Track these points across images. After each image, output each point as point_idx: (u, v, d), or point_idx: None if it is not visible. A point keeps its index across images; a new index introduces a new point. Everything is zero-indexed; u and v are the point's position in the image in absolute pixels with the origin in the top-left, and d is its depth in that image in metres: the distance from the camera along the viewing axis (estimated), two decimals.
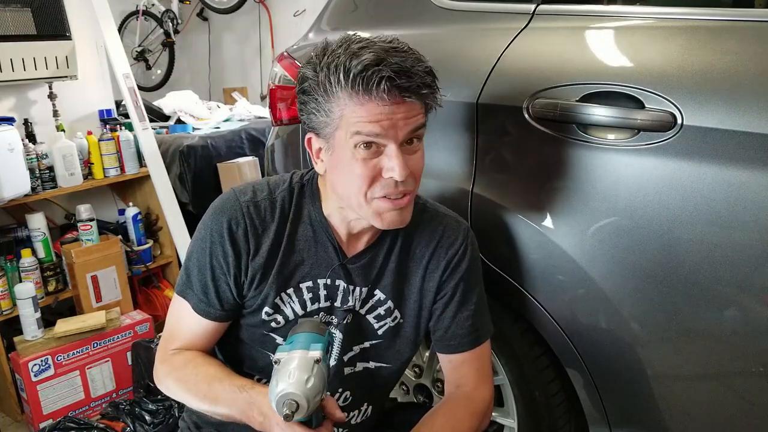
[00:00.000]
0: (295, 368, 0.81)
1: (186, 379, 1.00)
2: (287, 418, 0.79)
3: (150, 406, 1.98)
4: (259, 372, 1.07)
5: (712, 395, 1.06)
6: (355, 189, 0.93)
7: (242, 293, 1.02)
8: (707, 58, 1.00)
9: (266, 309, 1.02)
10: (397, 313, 1.07)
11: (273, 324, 1.03)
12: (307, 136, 0.99)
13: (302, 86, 0.94)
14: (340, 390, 1.08)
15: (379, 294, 1.06)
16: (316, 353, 0.83)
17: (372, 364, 1.09)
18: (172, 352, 1.04)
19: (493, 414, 1.37)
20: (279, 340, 1.03)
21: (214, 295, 1.01)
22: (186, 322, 1.04)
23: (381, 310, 1.06)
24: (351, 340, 1.06)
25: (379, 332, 1.07)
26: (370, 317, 1.06)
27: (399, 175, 0.89)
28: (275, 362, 0.83)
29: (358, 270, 1.04)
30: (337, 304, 1.04)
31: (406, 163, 0.90)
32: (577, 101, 1.08)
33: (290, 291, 1.02)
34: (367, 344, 1.08)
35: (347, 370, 1.08)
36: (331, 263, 1.03)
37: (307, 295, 1.03)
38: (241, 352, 1.08)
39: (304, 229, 1.03)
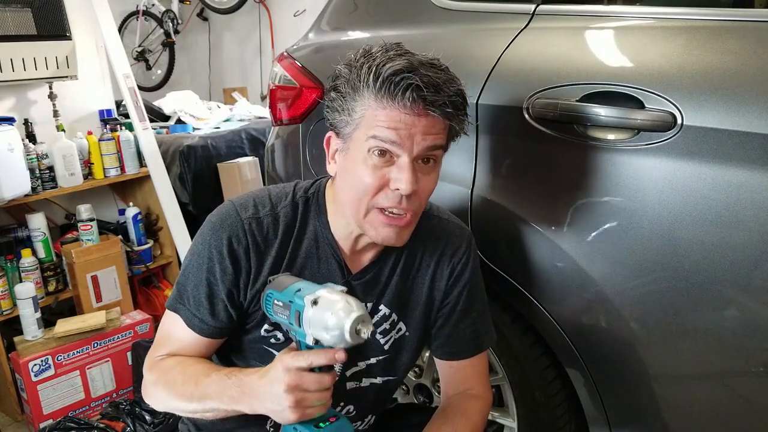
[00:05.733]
0: (341, 296, 0.79)
1: (174, 381, 0.95)
2: (373, 334, 0.78)
3: (150, 406, 1.97)
4: None
5: (712, 395, 1.06)
6: (358, 194, 0.90)
7: (239, 312, 0.98)
8: (707, 58, 1.00)
9: (265, 326, 0.99)
10: (401, 325, 1.06)
11: (272, 340, 1.00)
12: (328, 134, 0.98)
13: (335, 83, 0.93)
14: (342, 404, 1.06)
15: (384, 309, 1.04)
16: (340, 287, 0.82)
17: (379, 380, 1.07)
18: (159, 358, 1.00)
19: (493, 414, 1.37)
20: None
21: (207, 312, 0.97)
22: (178, 335, 0.99)
23: (386, 325, 1.05)
24: (355, 356, 1.04)
25: (386, 347, 1.06)
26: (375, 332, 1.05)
27: (405, 189, 0.87)
28: (314, 302, 0.79)
29: (362, 285, 1.02)
30: None
31: (415, 180, 0.88)
32: (577, 101, 1.08)
33: None
34: (373, 360, 1.06)
35: (351, 385, 1.05)
36: (334, 281, 0.99)
37: None
38: (239, 364, 1.05)
39: (307, 245, 0.99)
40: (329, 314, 0.78)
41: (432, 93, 0.85)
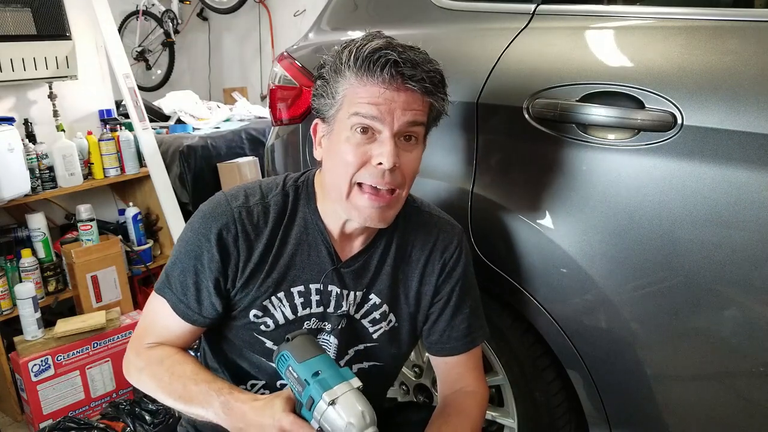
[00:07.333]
0: (360, 404, 0.82)
1: (160, 376, 0.97)
2: None
3: (150, 406, 1.98)
4: (256, 374, 1.06)
5: (712, 395, 1.06)
6: (341, 172, 0.92)
7: (226, 301, 1.00)
8: (707, 58, 1.00)
9: (254, 311, 1.00)
10: (392, 316, 1.07)
11: (262, 327, 1.01)
12: (315, 121, 1.00)
13: (320, 71, 0.96)
14: None
15: (374, 298, 1.05)
16: (357, 382, 0.85)
17: (365, 364, 1.08)
18: (147, 345, 1.02)
19: (493, 414, 1.37)
20: (269, 343, 1.02)
21: (193, 299, 0.98)
22: (163, 320, 1.01)
23: (376, 314, 1.05)
24: (346, 344, 1.05)
25: (375, 336, 1.07)
26: (365, 321, 1.06)
27: (386, 162, 0.89)
28: (331, 402, 0.81)
29: (351, 274, 1.03)
30: (330, 310, 1.03)
31: (397, 154, 0.90)
32: (577, 101, 1.08)
33: (281, 295, 1.00)
34: (362, 347, 1.07)
35: None
36: (324, 268, 1.01)
37: (298, 300, 1.01)
38: (232, 355, 1.06)
39: (297, 232, 1.01)
40: (343, 422, 0.80)
41: (410, 68, 0.88)
